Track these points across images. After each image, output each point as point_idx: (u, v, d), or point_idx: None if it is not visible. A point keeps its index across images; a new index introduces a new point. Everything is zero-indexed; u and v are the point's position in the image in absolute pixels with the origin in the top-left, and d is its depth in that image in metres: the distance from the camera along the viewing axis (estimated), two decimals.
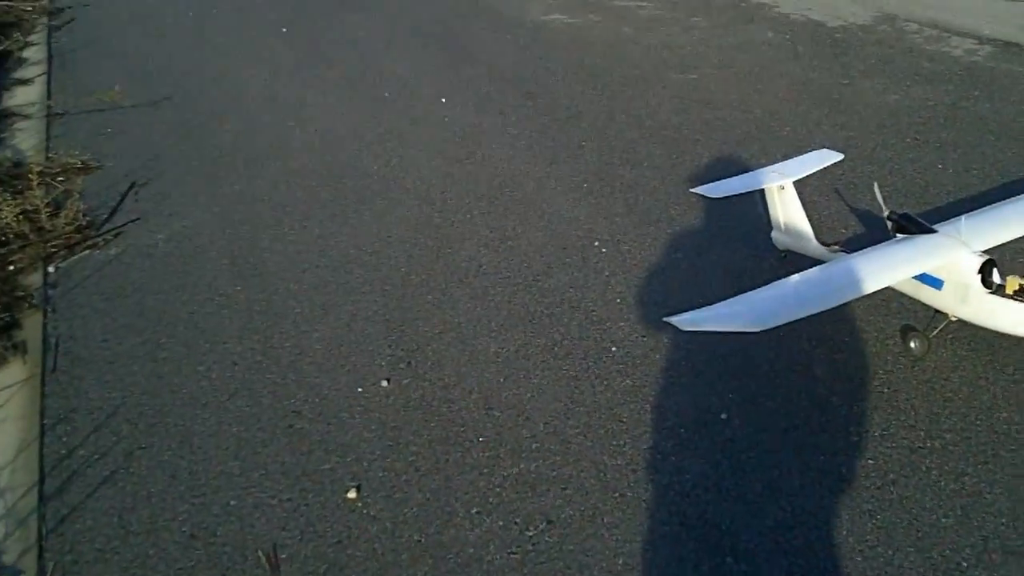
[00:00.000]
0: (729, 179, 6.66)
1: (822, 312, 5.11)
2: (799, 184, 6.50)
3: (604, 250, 7.41)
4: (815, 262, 5.93)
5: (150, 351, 6.40)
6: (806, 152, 7.00)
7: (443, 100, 11.44)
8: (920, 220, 5.79)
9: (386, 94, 11.87)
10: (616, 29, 14.47)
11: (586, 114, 10.64)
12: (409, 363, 6.08)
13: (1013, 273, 5.29)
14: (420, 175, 9.16)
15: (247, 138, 10.47)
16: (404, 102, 11.52)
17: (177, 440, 5.49)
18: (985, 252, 5.41)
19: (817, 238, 6.48)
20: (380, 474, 5.09)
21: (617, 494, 4.80)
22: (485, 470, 5.06)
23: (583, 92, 11.43)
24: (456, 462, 5.13)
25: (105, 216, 8.53)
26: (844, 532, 4.46)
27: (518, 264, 7.26)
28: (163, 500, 5.02)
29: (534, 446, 5.21)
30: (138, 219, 8.47)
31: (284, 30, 15.28)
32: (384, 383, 5.88)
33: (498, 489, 4.91)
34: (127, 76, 12.66)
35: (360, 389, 5.83)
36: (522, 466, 5.06)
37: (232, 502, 4.98)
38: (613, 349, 6.07)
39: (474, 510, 4.79)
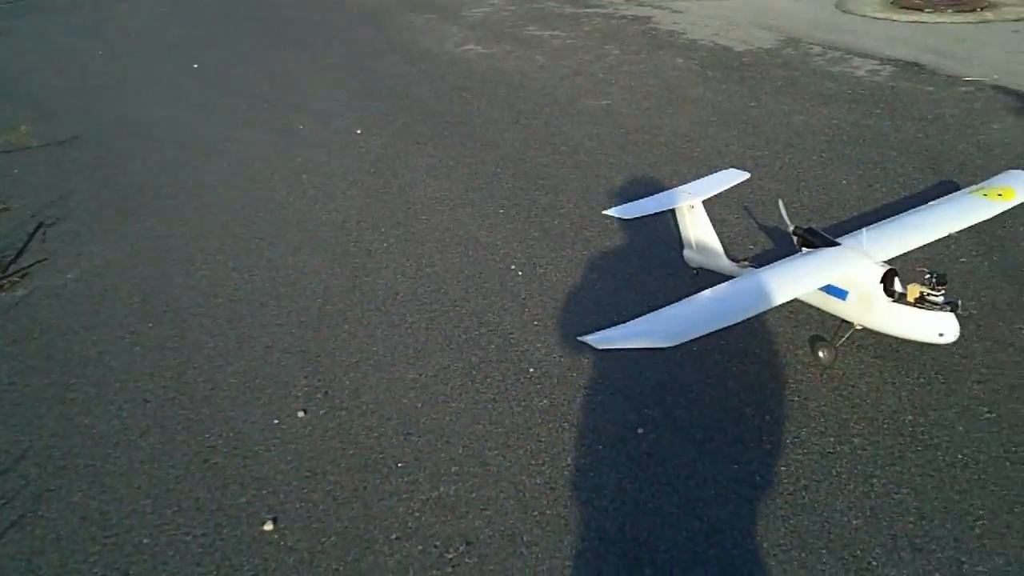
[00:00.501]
0: (641, 200, 6.75)
1: (733, 326, 5.21)
2: (709, 203, 6.63)
3: (521, 273, 7.46)
4: (725, 278, 6.03)
5: (58, 392, 6.27)
6: (715, 172, 7.13)
7: (358, 131, 11.45)
8: (824, 234, 5.94)
9: (301, 127, 11.85)
10: (530, 58, 14.66)
11: (501, 141, 10.74)
12: (326, 393, 6.03)
13: (913, 282, 5.43)
14: (336, 206, 9.15)
15: (158, 174, 10.34)
16: (319, 134, 11.51)
17: (87, 481, 5.37)
18: (887, 262, 5.57)
19: (727, 254, 6.61)
20: (297, 505, 5.04)
21: (536, 513, 4.81)
22: (404, 495, 5.03)
23: (498, 120, 11.55)
24: (375, 489, 5.10)
25: (11, 257, 8.34)
26: (759, 538, 4.53)
27: (435, 290, 7.27)
28: (73, 542, 4.90)
29: (453, 469, 5.20)
30: (46, 259, 8.31)
31: (196, 66, 15.16)
32: (301, 414, 5.83)
33: (417, 514, 4.89)
34: (34, 116, 12.43)
35: (276, 421, 5.77)
36: (441, 490, 5.04)
37: (145, 540, 4.88)
38: (531, 370, 6.10)
39: (393, 536, 4.75)
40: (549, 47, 15.36)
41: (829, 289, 5.69)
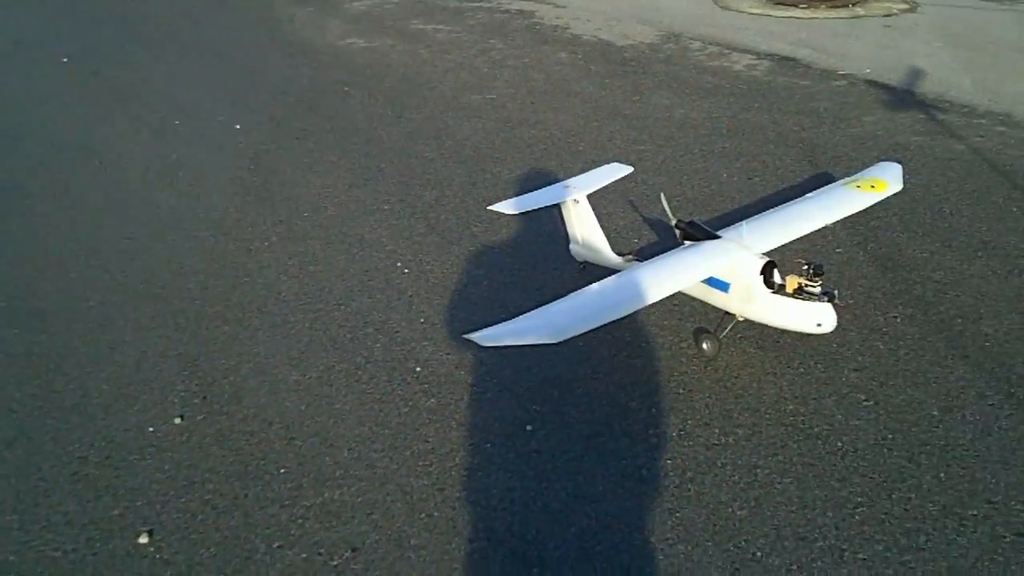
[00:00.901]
0: (526, 195, 6.72)
1: (619, 320, 5.22)
2: (594, 197, 6.63)
3: (407, 271, 7.35)
4: (611, 272, 6.04)
5: None
6: (599, 166, 7.14)
7: (238, 127, 11.15)
8: (705, 227, 6.01)
9: (177, 122, 11.47)
10: (413, 52, 14.52)
11: (385, 137, 10.59)
12: (205, 398, 5.83)
13: (792, 273, 5.53)
14: (214, 204, 8.88)
15: (23, 175, 9.87)
16: (197, 130, 11.17)
17: None
18: (766, 254, 5.66)
19: (612, 248, 6.63)
20: (174, 516, 4.84)
21: (424, 515, 4.73)
22: (287, 502, 4.88)
23: (381, 115, 11.39)
24: (256, 496, 4.94)
25: None
26: (646, 532, 4.54)
27: (319, 290, 7.11)
28: None
29: (338, 473, 5.07)
30: None
31: (65, 60, 14.57)
32: (178, 420, 5.61)
33: (301, 521, 4.75)
34: None
35: (151, 429, 5.54)
36: (326, 495, 4.91)
37: (11, 558, 4.62)
38: (418, 369, 6.01)
39: (276, 544, 4.60)
40: (433, 41, 15.23)
41: (711, 281, 5.75)
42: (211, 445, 5.38)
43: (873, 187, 6.54)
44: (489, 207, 6.80)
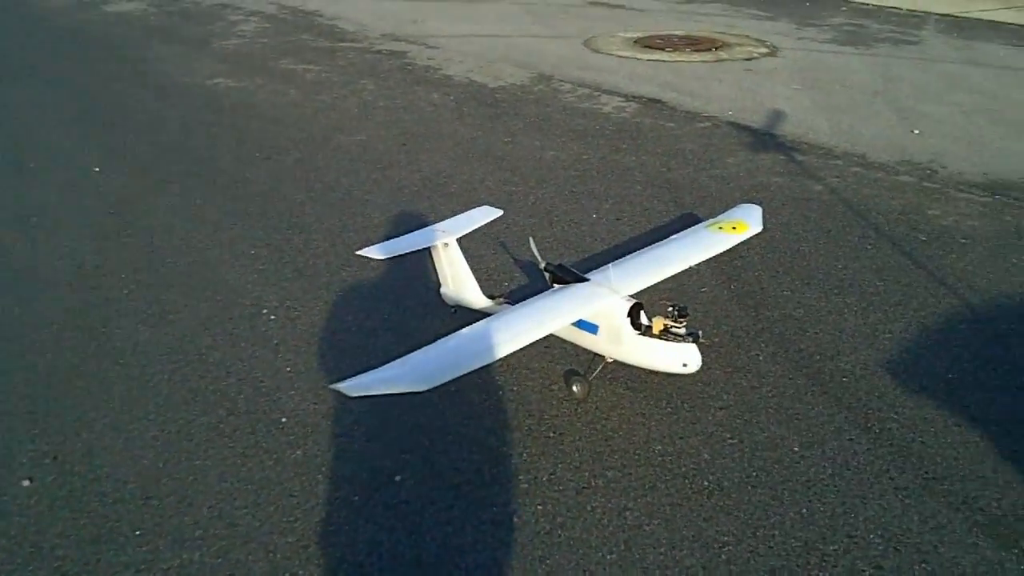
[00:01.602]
0: (395, 239, 6.65)
1: (489, 365, 5.19)
2: (465, 239, 6.61)
3: (273, 318, 7.17)
4: (482, 315, 6.01)
5: None
6: (470, 209, 7.13)
7: (97, 169, 10.77)
8: (573, 270, 6.05)
9: (32, 165, 11.01)
10: (283, 92, 14.34)
11: (252, 179, 10.38)
12: (55, 457, 5.52)
13: (658, 315, 5.60)
14: (70, 251, 8.51)
15: None
16: (53, 173, 10.74)
17: None
18: (633, 296, 5.72)
19: (483, 291, 6.61)
20: None
21: (288, 575, 4.57)
22: (142, 567, 4.64)
23: (249, 157, 11.18)
24: (109, 561, 4.68)
25: None
26: None
27: (180, 339, 6.86)
28: None
29: (197, 533, 4.85)
30: None
31: None
32: (26, 483, 5.30)
33: None
34: None
35: None
36: (184, 556, 4.69)
37: None
38: (283, 420, 5.84)
39: None
40: (303, 81, 15.07)
41: (580, 324, 5.78)
42: (61, 508, 5.08)
43: (735, 228, 6.70)
44: (358, 252, 6.69)
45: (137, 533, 4.87)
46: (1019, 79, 14.94)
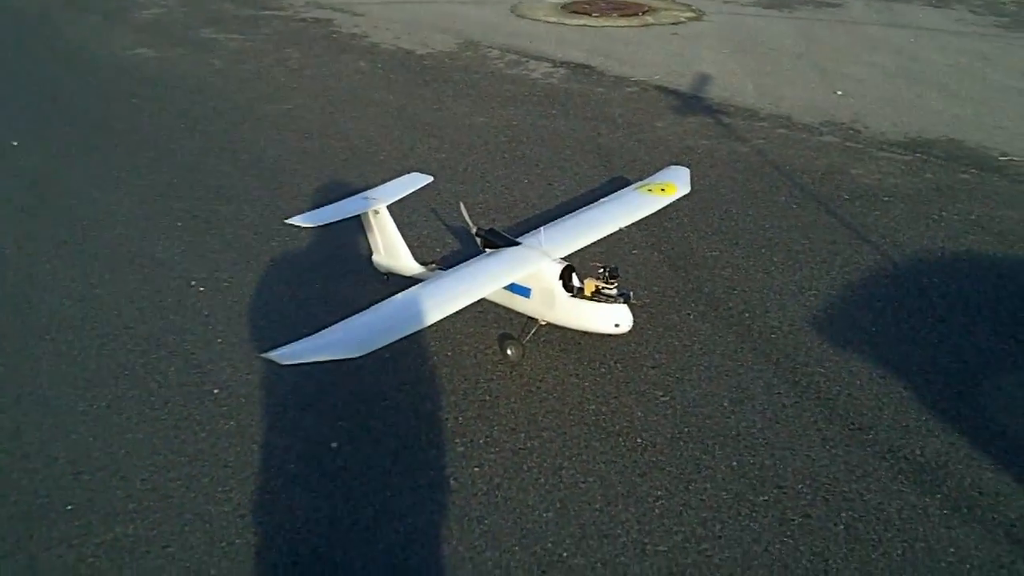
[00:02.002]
0: (324, 208, 6.59)
1: (423, 330, 5.19)
2: (396, 207, 6.58)
3: (202, 289, 7.07)
4: (415, 282, 6.01)
5: None
6: (400, 176, 7.08)
7: (15, 144, 10.46)
8: (505, 234, 6.06)
9: None
10: (205, 62, 14.07)
11: (177, 150, 10.19)
12: None
13: (589, 276, 5.65)
14: None
15: None
16: None
17: None
18: (564, 259, 5.76)
19: (415, 258, 6.60)
20: None
21: (225, 544, 4.53)
22: (75, 541, 4.57)
23: (172, 128, 10.96)
24: (41, 538, 4.59)
25: None
26: (455, 543, 4.50)
27: (107, 313, 6.73)
28: None
29: (131, 506, 4.79)
30: None
31: None
32: None
33: (91, 559, 4.45)
34: None
35: None
36: (118, 530, 4.63)
37: None
38: (216, 392, 5.77)
39: None
40: (226, 50, 14.80)
41: (513, 288, 5.80)
42: None
43: (663, 190, 6.77)
44: (287, 221, 6.62)
45: (69, 508, 4.80)
46: (937, 40, 15.26)
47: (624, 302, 5.58)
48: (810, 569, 4.33)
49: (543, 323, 5.96)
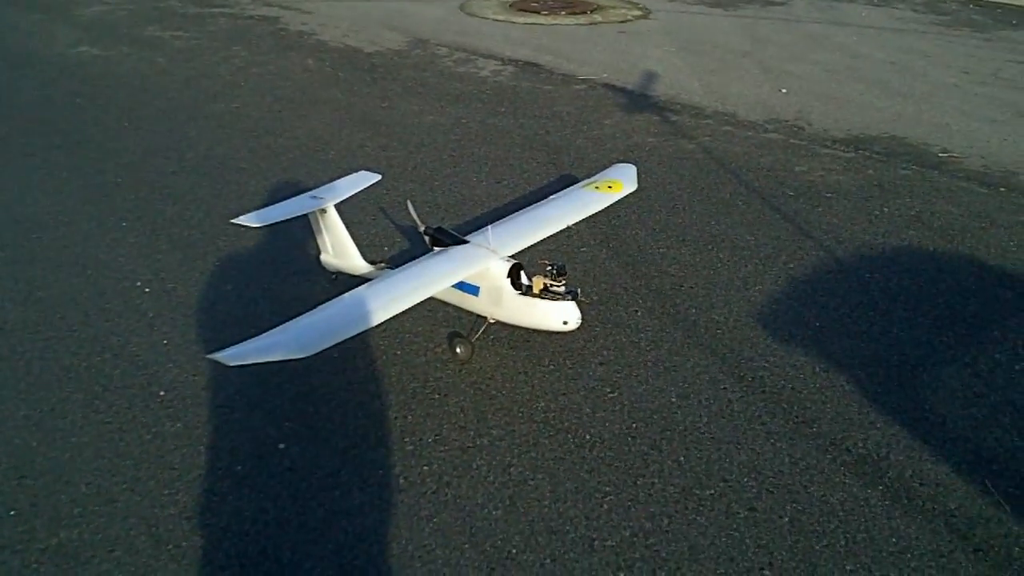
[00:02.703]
0: (271, 207, 6.54)
1: (371, 329, 5.18)
2: (344, 205, 6.55)
3: (148, 290, 6.99)
4: (364, 281, 5.99)
5: None
6: (348, 174, 7.06)
7: None
8: (453, 232, 6.07)
9: None
10: (150, 60, 13.91)
11: (121, 150, 10.06)
12: None
13: (537, 274, 5.67)
14: None
15: None
16: None
17: None
18: (512, 256, 5.78)
19: (364, 257, 6.58)
20: None
21: (171, 547, 4.49)
22: (19, 546, 4.50)
23: (116, 127, 10.82)
24: None
25: None
26: (404, 541, 4.50)
27: (50, 316, 6.63)
28: None
29: (76, 511, 4.73)
30: None
31: None
32: None
33: (35, 565, 4.38)
34: None
35: None
36: (62, 535, 4.57)
37: None
38: (161, 393, 5.72)
39: None
40: (171, 48, 14.63)
41: (461, 286, 5.81)
42: None
43: (610, 187, 6.82)
44: (233, 220, 6.56)
45: (12, 513, 4.72)
46: (879, 38, 15.53)
47: (572, 299, 5.61)
48: (756, 561, 4.39)
49: (492, 321, 5.98)
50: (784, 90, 12.28)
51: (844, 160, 9.67)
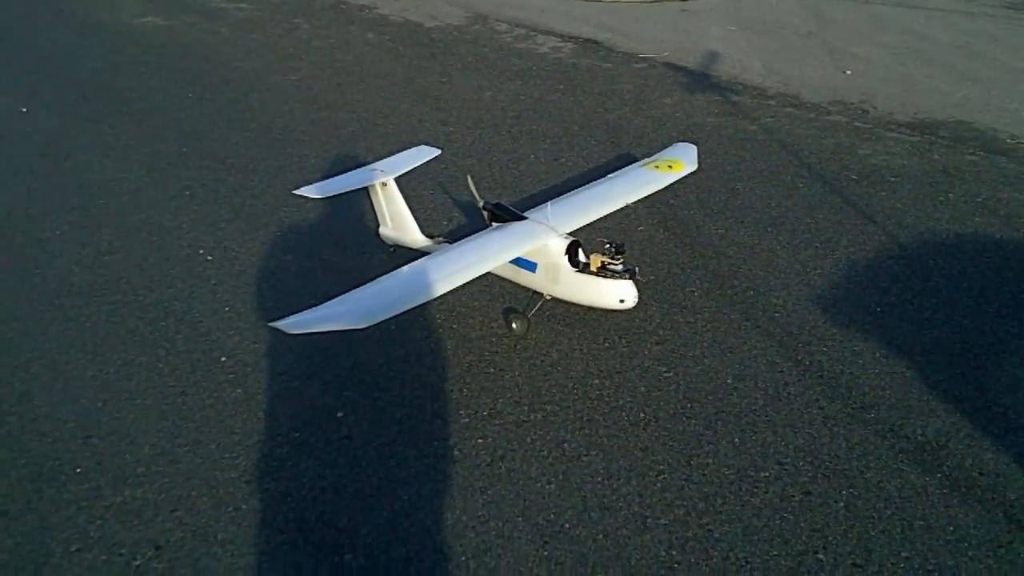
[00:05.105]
0: (332, 179, 6.61)
1: (429, 302, 5.22)
2: (403, 179, 6.60)
3: (210, 258, 7.11)
4: (421, 254, 6.04)
5: None
6: (407, 148, 7.10)
7: (24, 110, 10.48)
8: (512, 208, 6.08)
9: None
10: (214, 31, 14.06)
11: (185, 119, 10.21)
12: None
13: (595, 252, 5.67)
14: None
15: None
16: None
17: None
18: (570, 234, 5.79)
19: (422, 231, 6.62)
20: None
21: (231, 509, 4.60)
22: (84, 503, 4.64)
23: (181, 96, 10.97)
24: (51, 499, 4.67)
25: None
26: (458, 511, 4.56)
27: (116, 280, 6.78)
28: None
29: (139, 471, 4.86)
30: None
31: None
32: None
33: (100, 522, 4.52)
34: None
35: None
36: (127, 494, 4.70)
37: None
38: (223, 359, 5.83)
39: (73, 548, 4.37)
40: (234, 19, 14.77)
41: (519, 261, 5.83)
42: (0, 448, 5.05)
43: (671, 167, 6.79)
44: (295, 191, 6.64)
45: (78, 471, 4.87)
46: (947, 20, 15.19)
47: (629, 278, 5.61)
48: (810, 545, 4.38)
49: (548, 297, 6.00)
50: (849, 72, 12.08)
51: (909, 144, 9.51)
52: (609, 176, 6.75)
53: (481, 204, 6.22)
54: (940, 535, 4.44)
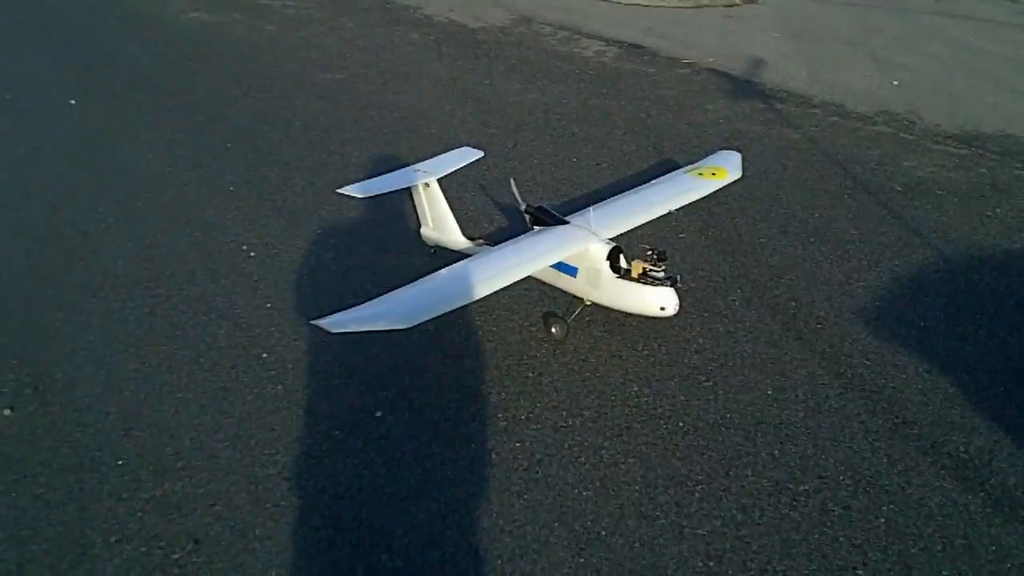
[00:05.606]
0: (375, 178, 6.64)
1: (469, 304, 5.22)
2: (445, 180, 6.61)
3: (253, 255, 7.17)
4: (462, 256, 6.05)
5: None
6: (450, 150, 7.11)
7: (73, 102, 10.63)
8: (554, 212, 6.07)
9: (8, 96, 10.84)
10: (260, 28, 14.18)
11: (230, 115, 10.30)
12: (36, 388, 5.54)
13: (637, 258, 5.65)
14: (46, 183, 8.45)
15: None
16: (28, 105, 10.59)
17: None
18: (612, 239, 5.77)
19: (463, 232, 6.63)
20: (3, 512, 4.58)
21: (269, 505, 4.63)
22: (125, 495, 4.69)
23: (226, 92, 11.07)
24: (92, 490, 4.73)
25: None
26: (494, 515, 4.56)
27: (159, 273, 6.85)
28: None
29: (179, 464, 4.90)
30: None
31: None
32: (7, 412, 5.32)
33: (139, 514, 4.57)
34: None
35: None
36: (166, 487, 4.75)
37: None
38: (264, 356, 5.87)
39: (113, 539, 4.42)
40: (281, 17, 14.89)
41: (559, 266, 5.82)
42: (43, 437, 5.12)
43: (714, 175, 6.75)
44: (338, 190, 6.68)
45: (119, 463, 4.92)
46: (995, 32, 14.99)
47: (671, 285, 5.58)
48: (849, 560, 4.33)
49: (588, 303, 5.98)
50: (895, 82, 11.95)
51: (956, 157, 9.39)
52: (652, 182, 6.72)
53: (523, 207, 6.22)
54: (982, 554, 4.38)
